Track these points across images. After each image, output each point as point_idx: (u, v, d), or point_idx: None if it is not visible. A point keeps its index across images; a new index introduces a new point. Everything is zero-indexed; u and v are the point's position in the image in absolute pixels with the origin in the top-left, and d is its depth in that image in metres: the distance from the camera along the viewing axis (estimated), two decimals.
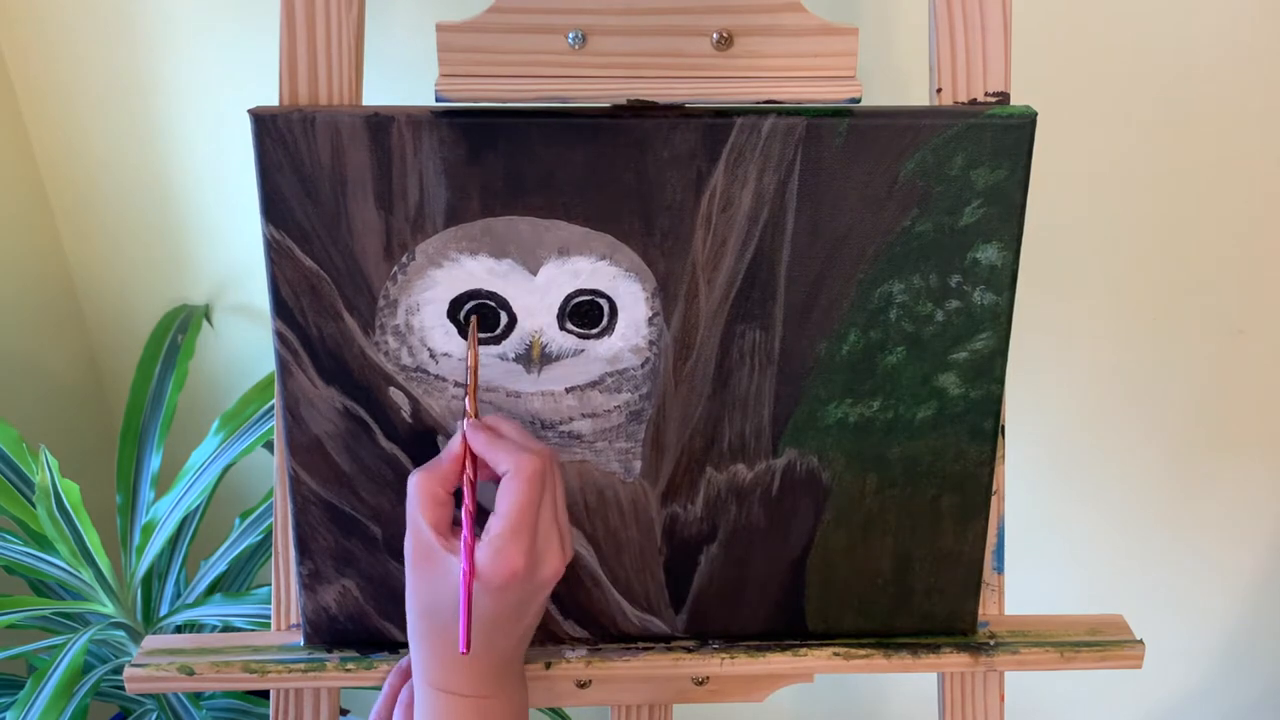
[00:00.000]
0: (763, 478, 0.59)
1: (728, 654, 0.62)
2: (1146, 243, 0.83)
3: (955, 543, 0.61)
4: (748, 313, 0.56)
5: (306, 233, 0.53)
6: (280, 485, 0.59)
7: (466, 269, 0.54)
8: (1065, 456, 0.93)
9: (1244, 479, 0.94)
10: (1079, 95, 0.77)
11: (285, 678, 0.61)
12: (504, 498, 0.50)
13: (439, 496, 0.51)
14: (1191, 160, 0.79)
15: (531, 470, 0.50)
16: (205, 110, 0.86)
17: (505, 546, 0.49)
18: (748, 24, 0.54)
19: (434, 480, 0.51)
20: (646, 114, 0.53)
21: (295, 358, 0.56)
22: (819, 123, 0.52)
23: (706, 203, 0.54)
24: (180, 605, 0.85)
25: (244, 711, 0.89)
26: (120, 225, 0.93)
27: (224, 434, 0.84)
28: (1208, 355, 0.88)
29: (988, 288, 0.56)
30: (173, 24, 0.83)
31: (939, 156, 0.53)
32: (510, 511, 0.50)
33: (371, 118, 0.52)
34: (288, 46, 0.54)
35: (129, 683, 0.60)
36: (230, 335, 0.98)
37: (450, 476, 0.52)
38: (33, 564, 0.81)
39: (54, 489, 0.76)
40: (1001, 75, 0.55)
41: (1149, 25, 0.74)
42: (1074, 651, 0.62)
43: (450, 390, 0.56)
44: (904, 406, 0.58)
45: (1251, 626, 1.02)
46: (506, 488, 0.50)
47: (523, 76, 0.54)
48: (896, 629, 0.63)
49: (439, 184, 0.53)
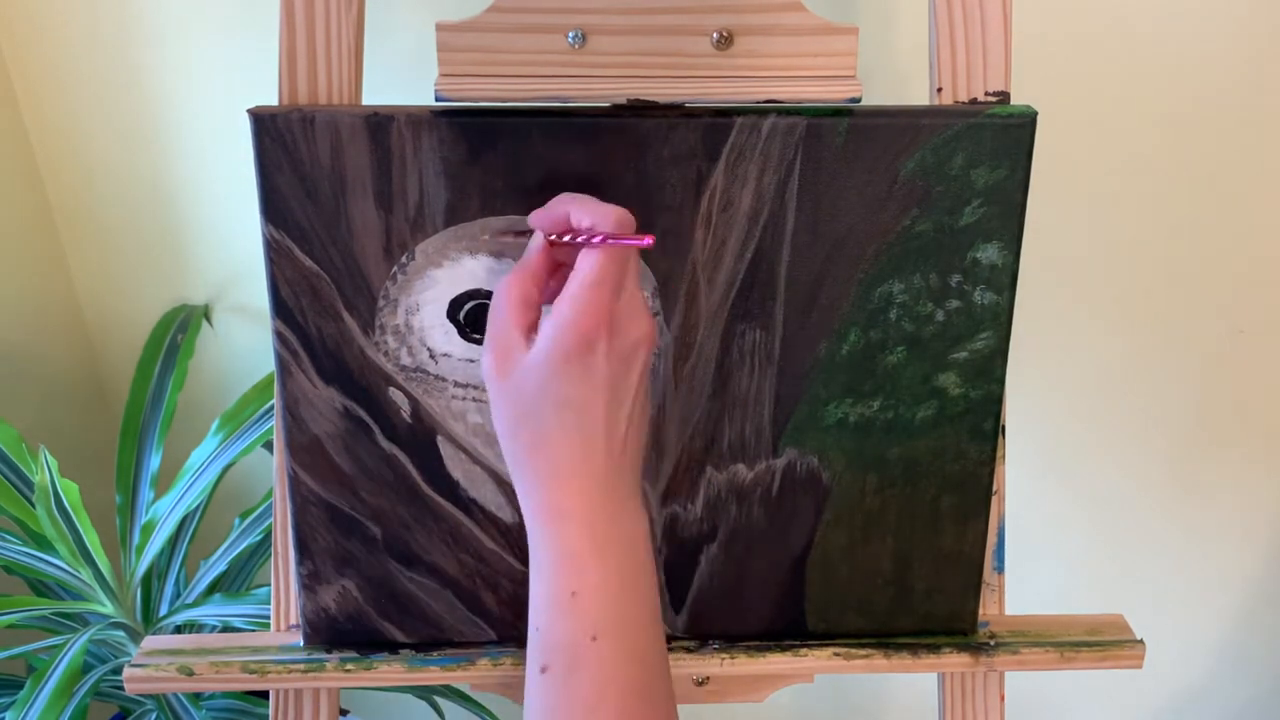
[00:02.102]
0: (763, 478, 0.59)
1: (728, 654, 0.62)
2: (1146, 242, 0.83)
3: (955, 543, 0.61)
4: (748, 313, 0.56)
5: (306, 232, 0.53)
6: (280, 485, 0.59)
7: (466, 268, 0.54)
8: (1065, 456, 0.93)
9: (1244, 479, 0.94)
10: (1079, 95, 0.77)
11: (285, 678, 0.61)
12: (588, 255, 0.46)
13: (531, 298, 0.48)
14: (1192, 160, 0.79)
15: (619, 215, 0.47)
16: (205, 110, 0.86)
17: (585, 294, 0.45)
18: (748, 23, 0.54)
19: (526, 279, 0.48)
20: (646, 114, 0.53)
21: (295, 358, 0.56)
22: (819, 122, 0.52)
23: (706, 202, 0.54)
24: (180, 605, 0.85)
25: (244, 711, 0.89)
26: (120, 225, 0.93)
27: (224, 434, 0.84)
28: (1208, 355, 0.88)
29: (988, 287, 0.56)
30: (173, 24, 0.83)
31: (939, 156, 0.53)
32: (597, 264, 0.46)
33: (371, 117, 0.52)
34: (287, 46, 0.54)
35: (128, 683, 0.60)
36: (230, 335, 0.98)
37: (540, 272, 0.48)
38: (32, 564, 0.81)
39: (54, 489, 0.76)
40: (1001, 75, 0.55)
41: (1149, 25, 0.74)
42: (1074, 651, 0.62)
43: (450, 390, 0.56)
44: (904, 406, 0.58)
45: (1251, 626, 1.02)
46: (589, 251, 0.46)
47: (523, 76, 0.54)
48: (896, 629, 0.63)
49: (439, 184, 0.53)
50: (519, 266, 0.49)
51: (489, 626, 0.62)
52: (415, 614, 0.61)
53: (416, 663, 0.61)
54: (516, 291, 0.48)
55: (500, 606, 0.61)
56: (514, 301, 0.48)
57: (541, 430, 0.47)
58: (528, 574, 0.60)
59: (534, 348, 0.46)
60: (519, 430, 0.48)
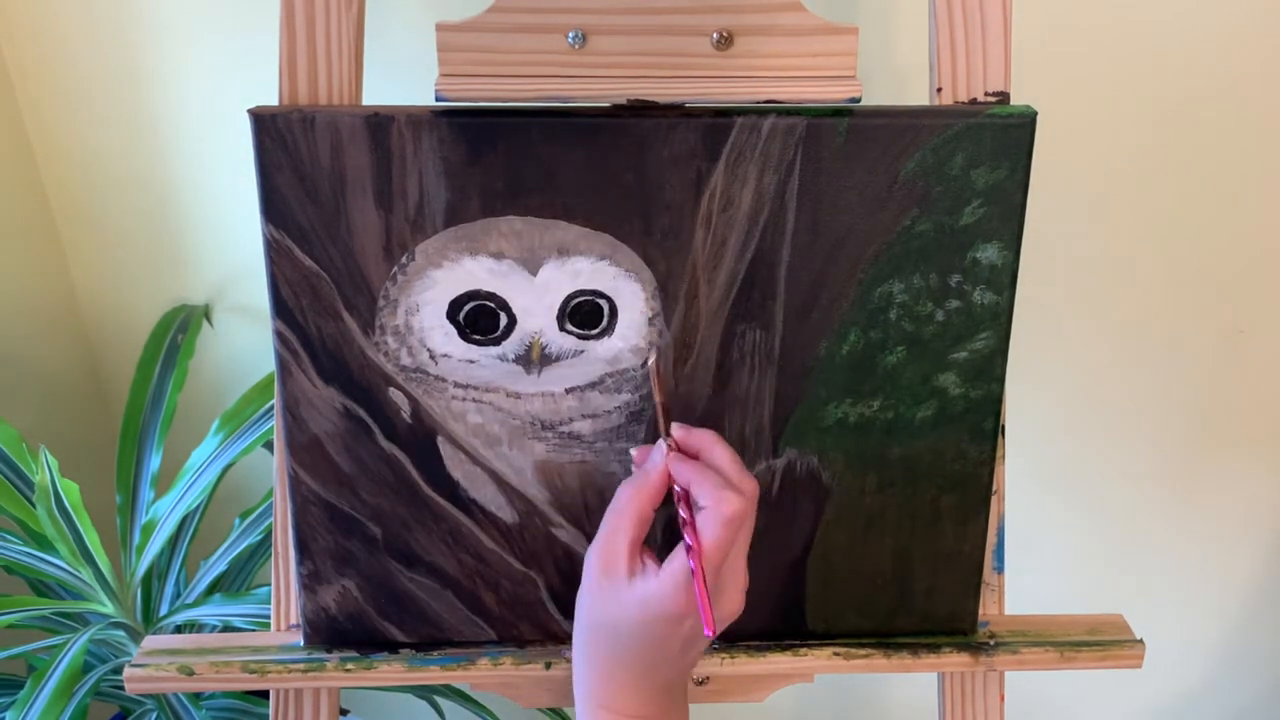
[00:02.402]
0: (763, 478, 0.59)
1: (728, 654, 0.62)
2: (1146, 242, 0.83)
3: (955, 543, 0.61)
4: (748, 313, 0.56)
5: (306, 232, 0.53)
6: (280, 485, 0.59)
7: (466, 269, 0.54)
8: (1065, 456, 0.93)
9: (1244, 479, 0.94)
10: (1079, 95, 0.77)
11: (285, 678, 0.61)
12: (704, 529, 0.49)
13: (646, 514, 0.51)
14: (1191, 160, 0.79)
15: (731, 513, 0.49)
16: (205, 110, 0.86)
17: (687, 580, 0.48)
18: (748, 24, 0.54)
19: (645, 498, 0.51)
20: (646, 114, 0.53)
21: (295, 358, 0.56)
22: (819, 122, 0.52)
23: (706, 202, 0.54)
24: (180, 605, 0.85)
25: (244, 711, 0.89)
26: (120, 225, 0.93)
27: (224, 434, 0.84)
28: (1208, 355, 0.88)
29: (988, 287, 0.56)
30: (173, 23, 0.83)
31: (939, 156, 0.53)
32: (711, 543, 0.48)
33: (371, 118, 0.52)
34: (288, 46, 0.54)
35: (129, 683, 0.60)
36: (230, 335, 0.98)
37: (658, 494, 0.52)
38: (33, 564, 0.81)
39: (54, 489, 0.76)
40: (1001, 75, 0.55)
41: (1149, 25, 0.74)
42: (1074, 651, 0.62)
43: (450, 391, 0.56)
44: (904, 406, 0.58)
45: (1251, 626, 1.02)
46: (703, 523, 0.49)
47: (523, 76, 0.54)
48: (896, 629, 0.63)
49: (439, 184, 0.53)
50: (641, 481, 0.52)
51: (489, 626, 0.62)
52: (415, 614, 0.61)
53: (416, 662, 0.61)
54: (636, 508, 0.51)
55: (500, 606, 0.61)
56: (633, 517, 0.51)
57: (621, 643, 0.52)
58: (528, 574, 0.61)
59: (641, 584, 0.50)
60: (604, 632, 0.52)
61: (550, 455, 0.58)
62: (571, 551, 0.60)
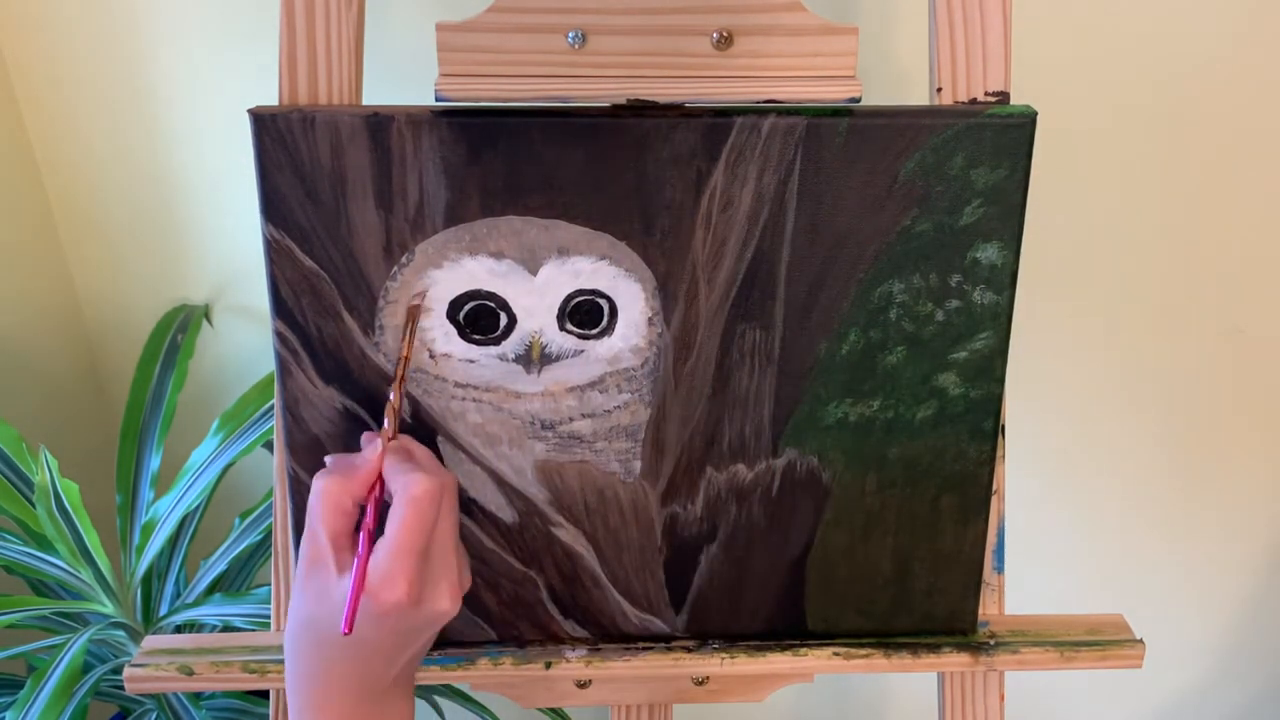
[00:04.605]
0: (763, 478, 0.59)
1: (728, 654, 0.62)
2: (1146, 242, 0.83)
3: (955, 543, 0.61)
4: (748, 312, 0.56)
5: (306, 233, 0.53)
6: (280, 485, 0.59)
7: (466, 269, 0.54)
8: (1065, 456, 0.93)
9: (1244, 479, 0.94)
10: (1079, 95, 0.77)
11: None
12: (392, 521, 0.48)
13: (344, 506, 0.49)
14: (1191, 160, 0.79)
15: (420, 492, 0.48)
16: (205, 110, 0.86)
17: (389, 573, 0.47)
18: (748, 24, 0.54)
19: (342, 489, 0.49)
20: (646, 114, 0.53)
21: (295, 358, 0.56)
22: (819, 122, 0.52)
23: (706, 202, 0.54)
24: (180, 605, 0.85)
25: (244, 711, 0.89)
26: (120, 225, 0.93)
27: (224, 434, 0.84)
28: (1208, 355, 0.88)
29: (988, 287, 0.56)
30: (173, 23, 0.83)
31: (939, 156, 0.53)
32: (396, 535, 0.47)
33: (371, 118, 0.52)
34: (287, 46, 0.54)
35: (129, 683, 0.60)
36: (230, 335, 0.98)
37: (360, 489, 0.50)
38: (32, 564, 0.81)
39: (54, 489, 0.76)
40: (1001, 75, 0.55)
41: (1149, 25, 0.74)
42: (1074, 651, 0.62)
43: (450, 390, 0.56)
44: (904, 406, 0.58)
45: (1251, 626, 1.02)
46: (395, 512, 0.48)
47: (523, 76, 0.54)
48: (896, 629, 0.63)
49: (439, 184, 0.53)
50: (340, 471, 0.50)
51: (489, 626, 0.62)
52: None
53: None
54: (331, 499, 0.49)
55: (500, 606, 0.61)
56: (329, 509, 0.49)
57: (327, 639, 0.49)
58: (528, 574, 0.60)
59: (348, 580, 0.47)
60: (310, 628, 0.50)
61: (550, 455, 0.58)
62: (572, 551, 0.60)
